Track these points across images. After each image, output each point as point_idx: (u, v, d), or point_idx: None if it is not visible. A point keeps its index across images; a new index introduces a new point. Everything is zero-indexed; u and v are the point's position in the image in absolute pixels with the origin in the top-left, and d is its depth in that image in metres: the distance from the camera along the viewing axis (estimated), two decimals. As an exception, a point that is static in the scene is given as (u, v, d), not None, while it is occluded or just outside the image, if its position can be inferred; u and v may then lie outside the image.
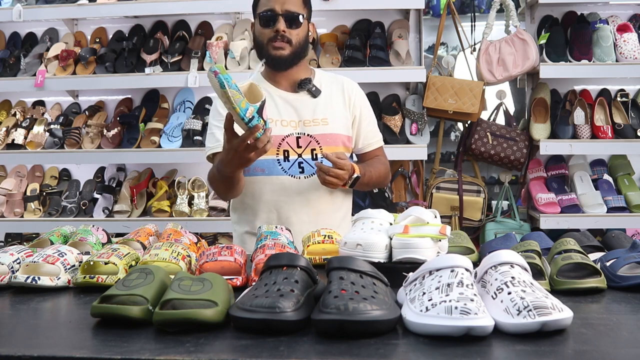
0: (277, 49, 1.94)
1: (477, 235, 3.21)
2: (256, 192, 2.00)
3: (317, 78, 2.09)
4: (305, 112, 2.01)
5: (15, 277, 1.37)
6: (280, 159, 1.97)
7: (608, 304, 1.23)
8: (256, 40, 2.01)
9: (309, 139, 1.99)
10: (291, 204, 1.98)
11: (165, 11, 3.28)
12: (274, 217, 1.99)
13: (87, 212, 3.27)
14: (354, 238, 1.37)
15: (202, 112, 3.32)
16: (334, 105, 2.06)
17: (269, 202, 1.99)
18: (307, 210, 1.99)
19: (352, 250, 1.35)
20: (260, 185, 1.99)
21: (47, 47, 3.45)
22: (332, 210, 2.04)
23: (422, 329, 1.02)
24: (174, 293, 1.09)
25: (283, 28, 1.92)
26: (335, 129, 2.03)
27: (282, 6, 1.93)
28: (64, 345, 1.04)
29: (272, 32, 1.93)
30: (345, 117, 2.07)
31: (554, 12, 3.37)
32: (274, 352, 0.96)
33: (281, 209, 1.99)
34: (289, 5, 1.94)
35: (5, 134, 3.33)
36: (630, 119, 3.19)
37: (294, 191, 1.97)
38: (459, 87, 3.15)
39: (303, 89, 2.03)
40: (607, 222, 3.10)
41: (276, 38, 1.93)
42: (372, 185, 2.10)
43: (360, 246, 1.34)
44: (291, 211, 1.98)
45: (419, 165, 3.33)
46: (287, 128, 1.99)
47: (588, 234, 1.67)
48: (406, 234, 1.35)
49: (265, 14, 1.94)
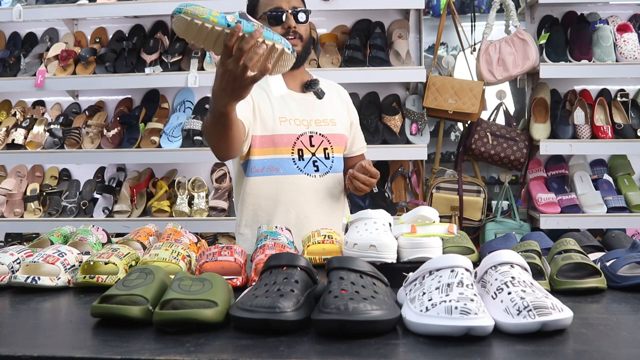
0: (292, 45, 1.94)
1: (477, 235, 3.21)
2: (272, 192, 1.98)
3: None
4: (315, 112, 2.04)
5: (15, 277, 1.37)
6: (295, 157, 1.97)
7: (608, 304, 1.23)
8: None
9: (321, 138, 2.02)
10: (309, 202, 1.98)
11: (165, 11, 3.27)
12: (292, 217, 1.96)
13: (87, 212, 3.27)
14: (365, 239, 1.34)
15: (202, 112, 3.32)
16: (336, 107, 2.11)
17: (286, 201, 1.97)
18: (324, 207, 2.01)
19: (364, 252, 1.32)
20: (276, 185, 1.97)
21: (47, 47, 3.45)
22: (342, 208, 2.09)
23: (422, 329, 1.02)
24: (174, 293, 1.09)
25: (294, 24, 1.94)
26: (340, 129, 2.08)
27: (289, 3, 1.95)
28: (64, 345, 1.04)
29: (283, 30, 1.93)
30: (345, 119, 2.13)
31: (554, 12, 3.37)
32: (274, 352, 0.96)
33: (300, 207, 1.98)
34: (294, 1, 1.97)
35: (5, 134, 3.33)
36: (630, 119, 3.19)
37: (310, 190, 1.98)
38: (459, 87, 3.15)
39: (310, 90, 2.05)
40: (607, 222, 3.09)
41: (288, 34, 1.93)
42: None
43: (374, 247, 1.32)
44: (309, 209, 1.98)
45: (419, 165, 3.33)
46: (300, 127, 2.00)
47: (588, 234, 1.67)
48: (414, 234, 1.36)
49: (273, 13, 1.94)
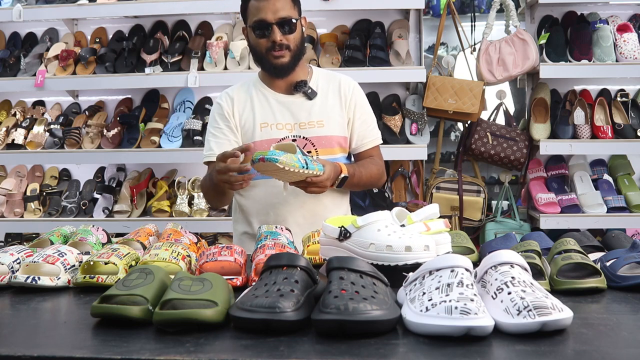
0: (278, 58, 1.91)
1: (477, 235, 3.21)
2: (252, 194, 2.01)
3: (314, 78, 2.06)
4: (301, 115, 2.00)
5: (15, 277, 1.37)
6: None
7: (608, 304, 1.23)
8: (253, 49, 1.97)
9: (304, 142, 1.98)
10: (287, 205, 1.97)
11: (165, 11, 3.28)
12: (270, 219, 1.98)
13: (87, 212, 3.27)
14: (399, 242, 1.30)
15: (202, 112, 3.32)
16: (329, 106, 2.03)
17: (265, 203, 1.99)
18: (303, 212, 1.98)
19: (399, 254, 1.29)
20: (256, 188, 1.99)
21: (47, 47, 3.45)
22: (327, 212, 2.00)
23: (422, 329, 1.02)
24: (174, 293, 1.09)
25: (280, 37, 1.88)
26: (331, 130, 2.01)
27: (275, 14, 1.87)
28: (64, 345, 1.04)
29: (269, 43, 1.90)
30: (341, 117, 2.05)
31: (554, 12, 3.37)
32: (274, 352, 0.96)
33: (277, 210, 1.98)
34: (281, 11, 1.88)
35: (5, 134, 3.33)
36: (630, 119, 3.19)
37: (289, 193, 1.91)
38: (459, 87, 3.15)
39: (299, 91, 2.01)
40: (607, 222, 3.09)
41: (274, 48, 1.89)
42: (362, 185, 2.07)
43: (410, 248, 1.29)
44: (287, 213, 1.98)
45: (419, 165, 3.33)
46: (282, 131, 1.98)
47: (588, 234, 1.67)
48: (429, 231, 1.40)
49: (258, 25, 1.89)
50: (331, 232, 1.40)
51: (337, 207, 2.07)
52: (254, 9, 1.90)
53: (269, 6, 1.87)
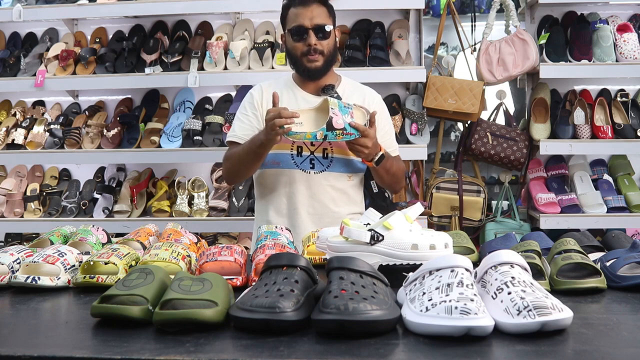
0: (312, 62, 2.08)
1: (477, 235, 3.21)
2: (271, 183, 2.17)
3: (342, 85, 2.21)
4: None
5: (15, 277, 1.37)
6: (294, 153, 2.12)
7: (608, 304, 1.23)
8: (289, 53, 2.15)
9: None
10: (299, 195, 2.12)
11: (165, 11, 3.28)
12: (283, 206, 2.14)
13: (87, 212, 3.27)
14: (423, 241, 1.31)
15: (202, 112, 3.32)
16: None
17: (280, 192, 2.15)
18: (313, 202, 2.13)
19: (425, 252, 1.29)
20: (274, 177, 2.15)
21: (47, 47, 3.44)
22: (336, 205, 2.14)
23: (422, 329, 1.02)
24: (174, 293, 1.09)
25: (315, 42, 2.06)
26: None
27: (311, 21, 2.05)
28: (64, 345, 1.04)
29: (305, 47, 2.07)
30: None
31: (554, 12, 3.37)
32: (274, 352, 0.96)
33: (290, 199, 2.14)
34: (317, 18, 2.06)
35: (5, 134, 3.33)
36: (630, 119, 3.19)
37: (302, 184, 2.11)
38: (459, 87, 3.15)
39: (325, 94, 2.11)
40: (607, 222, 3.09)
41: (309, 52, 2.06)
42: (391, 174, 2.14)
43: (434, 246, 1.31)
44: (298, 202, 2.12)
45: (419, 165, 3.33)
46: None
47: (588, 234, 1.68)
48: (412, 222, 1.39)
49: (296, 30, 2.07)
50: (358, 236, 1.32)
51: (345, 202, 2.17)
52: (293, 15, 2.10)
53: (306, 13, 2.06)
